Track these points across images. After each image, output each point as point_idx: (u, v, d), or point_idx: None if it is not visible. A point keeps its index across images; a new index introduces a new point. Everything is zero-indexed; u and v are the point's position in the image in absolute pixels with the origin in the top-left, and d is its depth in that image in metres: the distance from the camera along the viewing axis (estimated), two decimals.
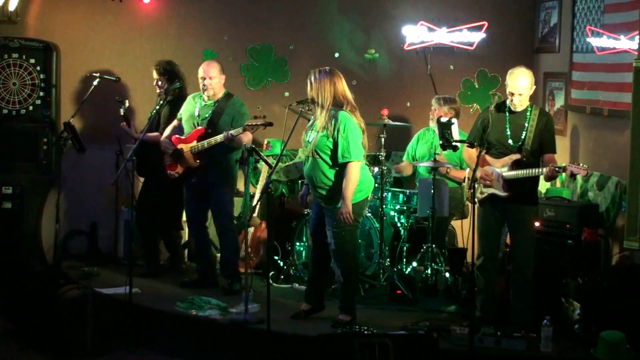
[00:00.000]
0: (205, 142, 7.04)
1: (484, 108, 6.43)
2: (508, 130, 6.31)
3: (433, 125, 7.70)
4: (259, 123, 6.69)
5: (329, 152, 6.30)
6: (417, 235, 7.75)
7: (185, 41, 8.56)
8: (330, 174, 6.33)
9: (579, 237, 6.73)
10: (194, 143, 7.12)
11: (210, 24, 8.65)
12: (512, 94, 6.27)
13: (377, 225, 7.42)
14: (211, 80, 7.16)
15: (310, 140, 6.35)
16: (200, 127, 7.13)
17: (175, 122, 7.37)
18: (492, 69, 8.69)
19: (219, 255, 7.89)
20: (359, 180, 6.29)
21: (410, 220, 7.67)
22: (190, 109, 7.27)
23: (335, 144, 6.25)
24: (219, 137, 6.95)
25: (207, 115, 7.16)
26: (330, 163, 6.32)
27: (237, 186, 7.53)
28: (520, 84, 6.25)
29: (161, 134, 7.44)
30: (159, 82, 7.63)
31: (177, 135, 7.28)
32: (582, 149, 7.55)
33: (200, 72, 7.20)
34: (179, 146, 7.21)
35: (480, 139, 6.34)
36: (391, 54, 8.76)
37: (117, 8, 8.48)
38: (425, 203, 7.40)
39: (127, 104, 7.67)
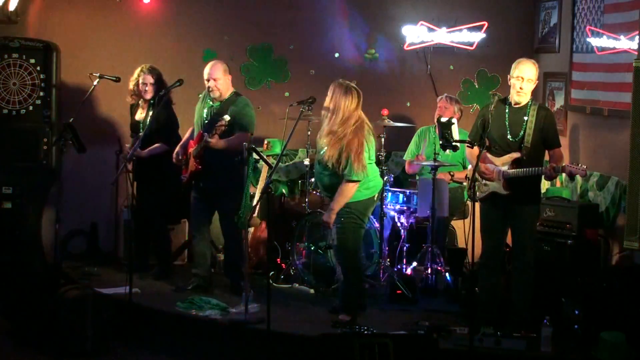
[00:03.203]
0: (198, 146, 6.97)
1: (483, 106, 6.40)
2: (507, 125, 6.30)
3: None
4: (222, 124, 6.67)
5: (337, 165, 6.34)
6: (417, 235, 7.75)
7: (185, 41, 8.56)
8: (338, 180, 6.38)
9: (579, 237, 6.73)
10: (195, 146, 7.07)
11: (210, 24, 8.65)
12: (522, 79, 6.20)
13: (377, 225, 7.42)
14: (215, 82, 7.06)
15: (323, 149, 6.38)
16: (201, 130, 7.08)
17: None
18: (492, 69, 8.70)
19: (219, 255, 7.89)
20: (365, 181, 6.36)
21: (410, 220, 7.67)
22: (199, 111, 7.21)
23: (343, 160, 6.29)
24: (203, 141, 6.87)
25: (211, 117, 7.09)
26: (336, 173, 6.37)
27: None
28: (527, 70, 6.21)
29: (161, 141, 7.41)
30: (148, 88, 7.53)
31: (192, 140, 7.24)
32: (582, 149, 7.56)
33: (205, 73, 7.12)
34: (189, 151, 7.15)
35: (481, 138, 6.33)
36: (391, 54, 8.77)
37: (117, 8, 8.48)
38: (425, 203, 7.40)
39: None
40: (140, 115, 7.64)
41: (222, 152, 6.92)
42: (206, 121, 7.09)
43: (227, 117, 6.77)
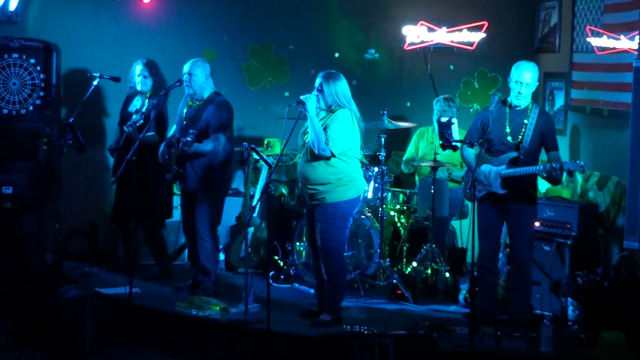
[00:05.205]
0: (179, 149, 6.84)
1: (483, 108, 6.41)
2: (507, 127, 6.30)
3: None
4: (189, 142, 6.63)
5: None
6: (417, 235, 7.75)
7: (185, 41, 8.55)
8: (322, 170, 6.31)
9: (579, 237, 6.73)
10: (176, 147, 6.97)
11: (210, 24, 8.64)
12: (521, 83, 6.22)
13: (377, 225, 7.42)
14: (190, 76, 6.91)
15: (307, 139, 6.38)
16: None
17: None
18: (492, 69, 8.69)
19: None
20: (350, 177, 6.33)
21: (410, 220, 7.67)
22: (180, 110, 7.12)
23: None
24: (181, 146, 6.77)
25: (189, 120, 6.98)
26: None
27: (227, 190, 7.36)
28: (526, 74, 6.23)
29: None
30: (142, 80, 7.53)
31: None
32: (582, 149, 7.56)
33: (185, 66, 6.99)
34: (172, 150, 7.05)
35: (480, 139, 6.33)
36: (391, 54, 8.77)
37: (117, 8, 8.48)
38: (425, 203, 7.40)
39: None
40: (133, 107, 7.60)
41: (198, 155, 6.86)
42: (184, 123, 6.98)
43: (190, 139, 6.70)
